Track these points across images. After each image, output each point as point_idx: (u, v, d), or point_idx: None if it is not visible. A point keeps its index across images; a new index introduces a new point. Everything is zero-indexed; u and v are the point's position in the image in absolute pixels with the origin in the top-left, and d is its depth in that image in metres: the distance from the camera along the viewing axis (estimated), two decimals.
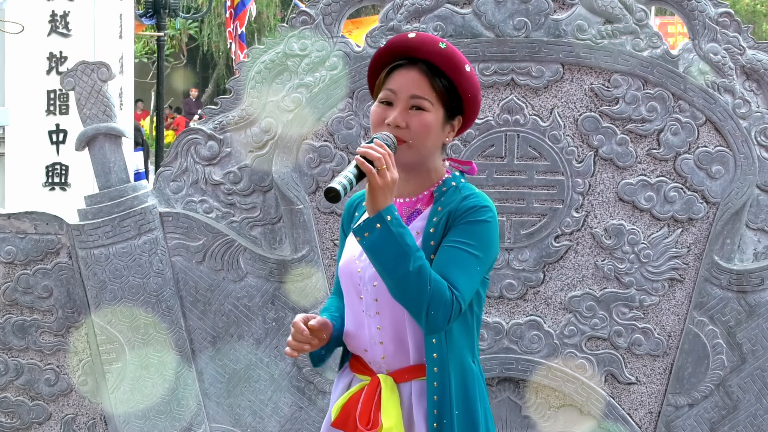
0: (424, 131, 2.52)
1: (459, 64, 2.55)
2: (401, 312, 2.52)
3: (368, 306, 2.58)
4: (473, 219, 2.50)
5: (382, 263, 2.41)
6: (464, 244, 2.47)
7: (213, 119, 4.02)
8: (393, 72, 2.56)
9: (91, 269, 3.94)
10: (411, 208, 2.59)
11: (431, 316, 2.41)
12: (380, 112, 2.55)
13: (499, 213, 3.87)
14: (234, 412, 4.00)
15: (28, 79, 8.77)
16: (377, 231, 2.38)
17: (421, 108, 2.53)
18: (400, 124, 2.51)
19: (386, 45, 2.59)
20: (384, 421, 2.50)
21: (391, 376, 2.56)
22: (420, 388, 2.56)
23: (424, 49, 2.54)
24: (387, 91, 2.55)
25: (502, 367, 3.96)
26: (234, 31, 15.77)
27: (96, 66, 4.00)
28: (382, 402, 2.53)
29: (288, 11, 22.85)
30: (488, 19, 3.90)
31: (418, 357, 2.56)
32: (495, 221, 2.55)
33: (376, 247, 2.39)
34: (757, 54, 3.88)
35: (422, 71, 2.53)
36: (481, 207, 2.52)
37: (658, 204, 3.90)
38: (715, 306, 3.89)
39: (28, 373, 4.01)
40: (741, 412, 3.92)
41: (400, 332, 2.56)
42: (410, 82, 2.53)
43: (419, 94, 2.53)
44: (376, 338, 2.58)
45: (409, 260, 2.39)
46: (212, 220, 3.98)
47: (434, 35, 3.04)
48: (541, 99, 3.91)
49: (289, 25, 3.98)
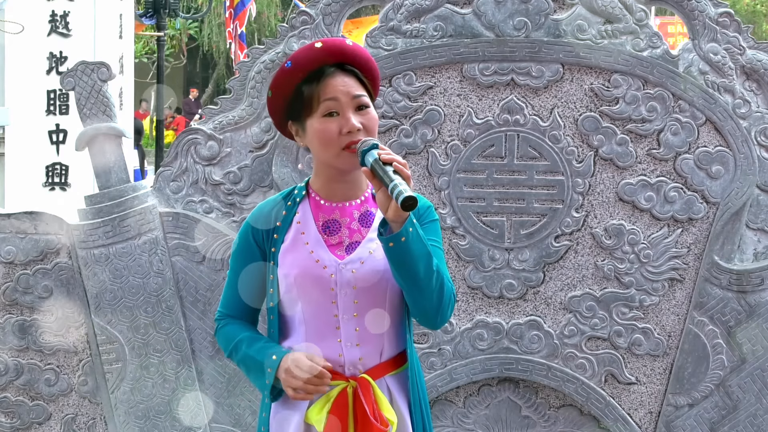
0: (375, 126, 2.57)
1: (367, 55, 2.61)
2: (382, 310, 2.57)
3: (345, 309, 2.57)
4: (432, 218, 2.61)
5: (413, 265, 2.43)
6: (436, 241, 2.57)
7: (213, 119, 4.02)
8: (321, 83, 2.53)
9: (91, 269, 3.94)
10: (360, 211, 2.62)
11: (444, 312, 2.52)
12: (330, 124, 2.52)
13: (499, 213, 3.92)
14: (234, 412, 4.00)
15: (28, 79, 8.77)
16: (411, 234, 2.41)
17: (365, 106, 2.55)
18: (359, 127, 2.52)
19: (294, 62, 2.55)
20: (389, 418, 2.54)
21: (368, 375, 2.58)
22: (396, 381, 2.62)
23: (337, 53, 2.55)
24: (328, 101, 2.52)
25: (502, 367, 3.96)
26: (234, 31, 15.79)
27: (96, 66, 4.00)
28: (379, 401, 2.56)
29: (288, 11, 22.85)
30: (488, 19, 3.90)
31: (389, 352, 2.62)
32: None
33: (411, 250, 2.42)
34: (757, 54, 3.88)
35: (347, 72, 2.56)
36: (431, 206, 2.63)
37: (658, 204, 3.90)
38: (715, 306, 3.89)
39: (28, 373, 4.01)
40: (741, 412, 3.92)
41: (380, 331, 2.59)
42: (346, 85, 2.54)
43: (358, 93, 2.55)
44: (353, 340, 2.58)
45: (432, 260, 2.46)
46: (212, 220, 3.98)
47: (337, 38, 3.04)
48: (541, 99, 3.91)
49: (289, 25, 3.98)
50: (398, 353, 2.63)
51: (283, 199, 2.67)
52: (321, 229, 2.60)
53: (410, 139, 3.93)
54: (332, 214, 2.61)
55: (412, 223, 2.41)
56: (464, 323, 3.96)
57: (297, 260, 2.59)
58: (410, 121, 3.93)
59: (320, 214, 2.62)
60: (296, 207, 2.63)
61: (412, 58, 3.91)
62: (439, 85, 3.93)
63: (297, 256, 2.59)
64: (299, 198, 2.64)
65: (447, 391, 4.01)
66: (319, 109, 2.53)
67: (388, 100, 3.92)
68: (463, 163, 3.91)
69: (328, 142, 2.52)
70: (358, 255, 2.57)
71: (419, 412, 2.62)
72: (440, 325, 2.55)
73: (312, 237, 2.60)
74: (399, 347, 2.63)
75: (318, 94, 2.52)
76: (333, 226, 2.60)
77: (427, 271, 2.44)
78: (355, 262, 2.56)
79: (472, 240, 3.93)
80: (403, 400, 2.62)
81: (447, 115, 3.93)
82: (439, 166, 3.92)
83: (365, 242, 2.58)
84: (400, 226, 2.40)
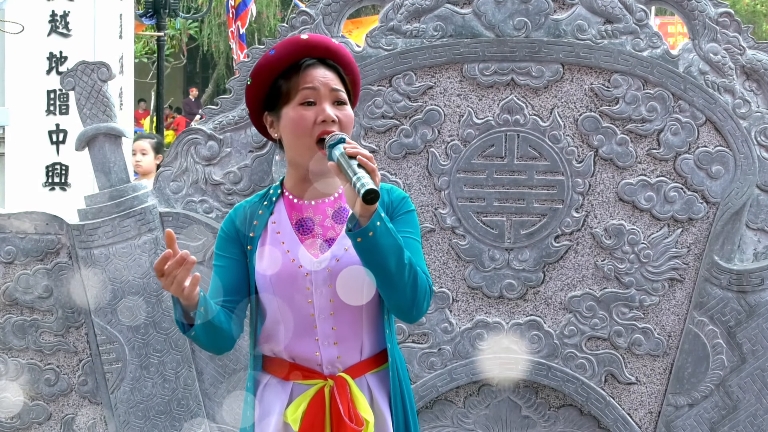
0: (351, 124, 2.57)
1: (350, 57, 2.62)
2: (358, 309, 2.55)
3: (321, 308, 2.56)
4: (408, 209, 2.60)
5: (383, 260, 2.41)
6: (410, 233, 2.56)
7: (213, 119, 4.02)
8: (303, 72, 2.54)
9: (91, 269, 3.94)
10: (334, 207, 2.61)
11: (419, 305, 2.49)
12: (305, 113, 2.53)
13: (499, 213, 3.92)
14: (234, 412, 4.00)
15: (28, 79, 8.76)
16: (379, 228, 2.38)
17: (342, 101, 2.56)
18: (334, 118, 2.52)
19: (278, 50, 2.56)
20: (366, 417, 2.52)
21: (347, 374, 2.57)
22: (376, 380, 2.61)
23: (321, 47, 2.57)
24: (307, 90, 2.53)
25: (502, 367, 3.96)
26: (236, 32, 15.78)
27: (96, 66, 4.00)
28: (355, 400, 2.54)
29: (288, 11, 22.85)
30: (488, 19, 3.90)
31: (370, 350, 2.61)
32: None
33: (380, 245, 2.39)
34: (757, 54, 3.88)
35: (329, 67, 2.57)
36: (406, 197, 2.61)
37: (658, 204, 3.90)
38: (715, 306, 3.89)
39: (28, 373, 4.01)
40: (741, 412, 3.92)
41: (356, 329, 2.58)
42: (326, 77, 2.55)
43: (337, 87, 2.55)
44: (330, 339, 2.57)
45: (404, 253, 2.43)
46: (212, 220, 3.98)
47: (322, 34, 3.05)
48: (541, 99, 3.91)
49: (289, 25, 3.98)
50: (380, 351, 2.62)
51: (259, 200, 2.67)
52: (295, 227, 2.59)
53: (410, 139, 3.93)
54: (306, 212, 2.60)
55: (379, 217, 2.38)
56: (464, 323, 3.96)
57: (273, 260, 2.58)
58: (410, 121, 3.93)
59: (294, 213, 2.61)
60: (272, 207, 2.63)
61: (412, 58, 3.91)
62: (439, 85, 3.93)
63: (273, 256, 2.58)
64: (275, 197, 2.64)
65: (447, 391, 4.01)
66: (297, 97, 2.53)
67: (388, 100, 3.92)
68: (463, 163, 3.91)
69: (303, 131, 2.52)
70: (333, 252, 2.55)
71: (401, 410, 2.59)
72: (416, 318, 2.53)
73: (287, 236, 2.59)
74: (380, 345, 2.62)
75: (297, 83, 2.54)
76: (307, 224, 2.59)
77: (399, 265, 2.41)
78: (330, 259, 2.54)
79: (472, 240, 3.93)
80: (384, 399, 2.60)
81: (447, 115, 3.93)
82: (439, 166, 3.92)
83: (340, 239, 2.57)
84: (367, 220, 2.37)
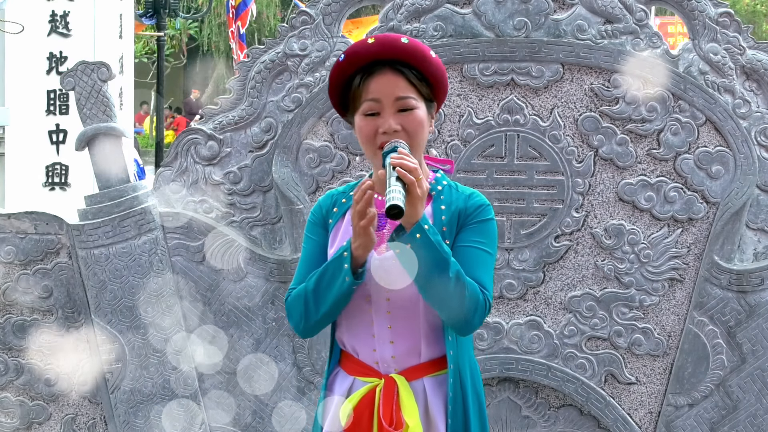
0: (419, 128, 2.53)
1: (425, 54, 2.55)
2: (414, 310, 2.52)
3: (378, 307, 2.55)
4: (483, 218, 2.54)
5: (423, 272, 2.39)
6: (481, 243, 2.51)
7: (213, 119, 4.02)
8: (366, 81, 2.52)
9: (91, 269, 3.94)
10: None
11: (469, 319, 2.44)
12: (369, 124, 2.53)
13: (499, 213, 3.91)
14: (234, 412, 4.00)
15: (28, 79, 8.77)
16: (418, 241, 2.37)
17: (408, 108, 2.52)
18: (396, 128, 2.50)
19: (347, 57, 2.54)
20: (408, 421, 2.49)
21: (402, 375, 2.55)
22: (433, 384, 2.57)
23: (388, 50, 2.52)
24: (370, 102, 2.52)
25: (502, 367, 3.96)
26: (236, 32, 15.79)
27: (96, 66, 4.00)
28: (401, 402, 2.52)
29: (288, 11, 22.85)
30: (488, 19, 3.90)
31: (429, 354, 2.57)
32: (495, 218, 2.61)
33: (418, 257, 2.37)
34: (757, 54, 3.88)
35: (396, 71, 2.53)
36: (487, 205, 2.56)
37: (658, 204, 3.90)
38: (715, 306, 3.89)
39: (28, 373, 4.01)
40: (741, 412, 3.92)
41: (413, 331, 2.55)
42: (390, 86, 2.52)
43: (403, 94, 2.52)
44: (386, 338, 2.56)
45: (449, 267, 2.39)
46: (212, 220, 3.98)
47: (393, 34, 3.01)
48: (541, 99, 3.91)
49: (289, 25, 3.98)
50: (440, 356, 2.58)
51: (349, 189, 2.66)
52: None
53: None
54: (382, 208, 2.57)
55: (420, 229, 2.36)
56: None
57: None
58: None
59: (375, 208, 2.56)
60: None
61: None
62: None
63: (339, 246, 2.56)
64: None
65: None
66: (362, 107, 2.53)
67: None
68: (463, 163, 3.91)
69: (366, 141, 2.54)
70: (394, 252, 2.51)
71: (460, 420, 2.54)
72: (466, 332, 2.49)
73: None
74: (440, 350, 2.57)
75: (362, 92, 2.53)
76: (381, 221, 2.56)
77: (442, 278, 2.38)
78: (390, 259, 2.51)
79: None
80: (440, 406, 2.56)
81: (447, 115, 3.92)
82: None
83: None
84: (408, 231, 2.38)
